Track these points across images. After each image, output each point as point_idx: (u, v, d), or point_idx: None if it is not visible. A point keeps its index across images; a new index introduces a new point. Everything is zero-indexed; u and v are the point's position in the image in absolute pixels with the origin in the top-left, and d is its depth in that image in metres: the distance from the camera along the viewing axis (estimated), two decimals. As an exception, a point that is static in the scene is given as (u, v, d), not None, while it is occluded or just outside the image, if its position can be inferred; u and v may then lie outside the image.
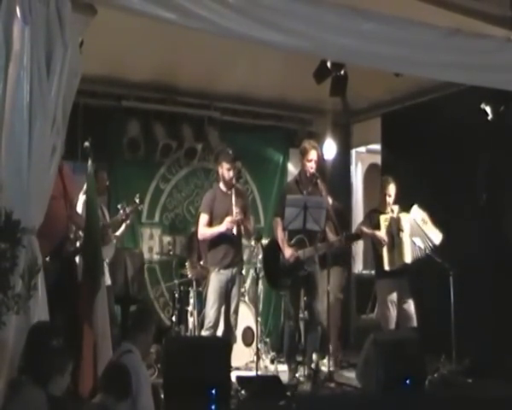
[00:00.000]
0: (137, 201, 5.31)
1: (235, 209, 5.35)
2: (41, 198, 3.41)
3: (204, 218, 5.48)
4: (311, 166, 5.36)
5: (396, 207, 5.67)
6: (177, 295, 6.12)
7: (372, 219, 5.72)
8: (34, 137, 3.28)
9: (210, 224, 5.47)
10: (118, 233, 5.56)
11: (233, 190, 5.43)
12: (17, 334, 3.16)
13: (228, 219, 5.34)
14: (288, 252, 5.24)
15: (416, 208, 5.55)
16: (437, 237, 5.44)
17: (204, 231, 5.49)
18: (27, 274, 3.14)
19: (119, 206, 5.34)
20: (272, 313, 7.11)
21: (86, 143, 4.31)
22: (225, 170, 5.45)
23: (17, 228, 3.08)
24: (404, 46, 4.24)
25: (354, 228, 6.58)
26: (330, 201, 5.62)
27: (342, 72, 5.81)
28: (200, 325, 5.63)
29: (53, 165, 3.50)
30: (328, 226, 5.36)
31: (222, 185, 5.53)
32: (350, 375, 5.33)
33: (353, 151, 8.06)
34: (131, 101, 6.49)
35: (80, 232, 4.35)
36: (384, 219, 5.57)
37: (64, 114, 3.52)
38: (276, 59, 5.62)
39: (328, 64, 5.66)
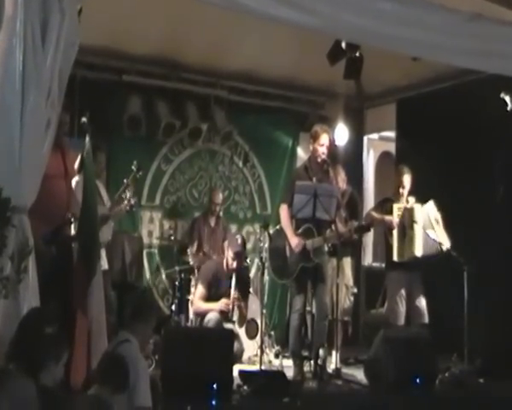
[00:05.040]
0: (135, 168, 5.02)
1: (233, 293, 5.42)
2: (33, 176, 3.30)
3: (201, 291, 5.49)
4: (323, 152, 5.15)
5: (412, 199, 5.51)
6: (177, 283, 5.96)
7: (384, 208, 5.58)
8: (27, 110, 3.15)
9: (206, 298, 5.47)
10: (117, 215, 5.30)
11: (234, 273, 5.48)
12: (5, 320, 3.06)
13: (224, 301, 5.38)
14: (294, 241, 5.03)
15: (431, 205, 5.39)
16: (446, 241, 5.31)
17: (199, 305, 5.50)
18: (17, 256, 3.16)
19: (124, 196, 5.03)
20: (277, 305, 6.95)
21: (84, 119, 4.09)
22: (230, 258, 5.49)
23: (7, 206, 3.04)
24: (423, 29, 4.13)
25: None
26: (345, 187, 5.42)
27: (357, 53, 5.67)
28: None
29: (47, 140, 3.39)
30: (337, 216, 5.14)
31: (224, 263, 5.55)
32: (357, 372, 5.19)
33: (365, 138, 7.91)
34: (133, 75, 6.27)
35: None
36: (397, 208, 5.45)
37: (60, 87, 3.39)
38: (288, 37, 5.48)
39: (343, 45, 5.50)
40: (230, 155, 6.87)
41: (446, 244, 5.29)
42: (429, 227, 5.32)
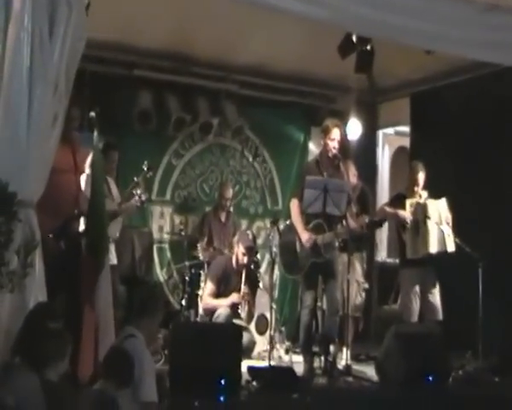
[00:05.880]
0: (145, 168, 5.02)
1: (243, 288, 5.42)
2: (41, 170, 3.31)
3: (211, 288, 5.50)
4: (334, 146, 5.08)
5: (424, 193, 5.41)
6: (187, 278, 5.91)
7: (397, 203, 5.47)
8: (34, 104, 3.16)
9: (216, 294, 5.48)
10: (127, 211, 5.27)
11: (244, 269, 5.50)
12: (12, 313, 3.08)
13: (235, 294, 5.41)
14: (304, 237, 4.98)
15: (444, 204, 5.29)
16: (451, 245, 5.22)
17: (208, 301, 5.50)
18: (23, 250, 3.11)
19: (134, 191, 5.00)
20: (288, 301, 6.88)
21: (92, 113, 4.09)
22: (240, 253, 5.48)
23: (13, 201, 3.01)
24: (436, 21, 4.08)
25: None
26: (356, 181, 5.36)
27: (368, 47, 5.59)
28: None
29: (54, 135, 3.39)
30: (348, 211, 5.07)
31: (234, 259, 5.54)
32: (368, 368, 5.11)
33: (381, 133, 7.80)
34: (143, 70, 6.21)
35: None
36: (410, 204, 5.35)
37: (67, 81, 3.40)
38: (299, 30, 5.41)
39: (354, 38, 5.44)
40: (241, 149, 6.82)
41: (451, 247, 5.23)
42: (439, 224, 5.24)
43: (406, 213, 5.29)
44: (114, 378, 2.99)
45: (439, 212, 5.26)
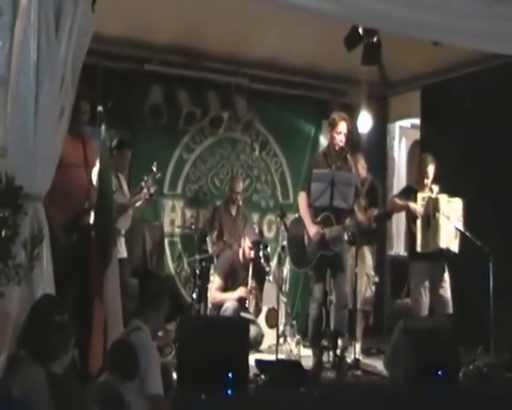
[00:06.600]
0: (155, 169, 5.06)
1: (250, 282, 5.49)
2: (48, 164, 3.32)
3: (218, 282, 5.55)
4: (340, 140, 5.05)
5: (436, 187, 5.37)
6: (197, 272, 5.95)
7: (407, 196, 5.44)
8: (41, 98, 3.18)
9: (223, 288, 5.53)
10: (137, 205, 5.31)
11: (251, 263, 5.59)
12: (20, 306, 3.08)
13: (241, 290, 5.48)
14: (312, 230, 4.95)
15: (459, 204, 5.26)
16: (456, 245, 5.22)
17: (215, 295, 5.55)
18: (30, 243, 3.06)
19: (142, 183, 5.03)
20: (300, 295, 6.86)
21: (100, 108, 4.10)
22: (247, 247, 5.56)
23: (19, 194, 2.99)
24: (445, 13, 4.05)
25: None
26: (365, 175, 5.32)
27: (375, 39, 5.58)
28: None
29: (61, 129, 3.41)
30: (356, 204, 5.04)
31: (241, 253, 5.59)
32: (378, 363, 5.09)
33: (397, 126, 7.72)
34: (154, 65, 6.20)
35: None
36: (422, 198, 5.31)
37: (73, 76, 3.41)
38: (309, 24, 5.41)
39: (360, 30, 5.43)
40: (250, 142, 6.82)
41: (455, 247, 5.20)
42: (450, 220, 5.20)
43: (416, 206, 5.26)
44: (119, 371, 3.01)
45: (453, 209, 5.21)
